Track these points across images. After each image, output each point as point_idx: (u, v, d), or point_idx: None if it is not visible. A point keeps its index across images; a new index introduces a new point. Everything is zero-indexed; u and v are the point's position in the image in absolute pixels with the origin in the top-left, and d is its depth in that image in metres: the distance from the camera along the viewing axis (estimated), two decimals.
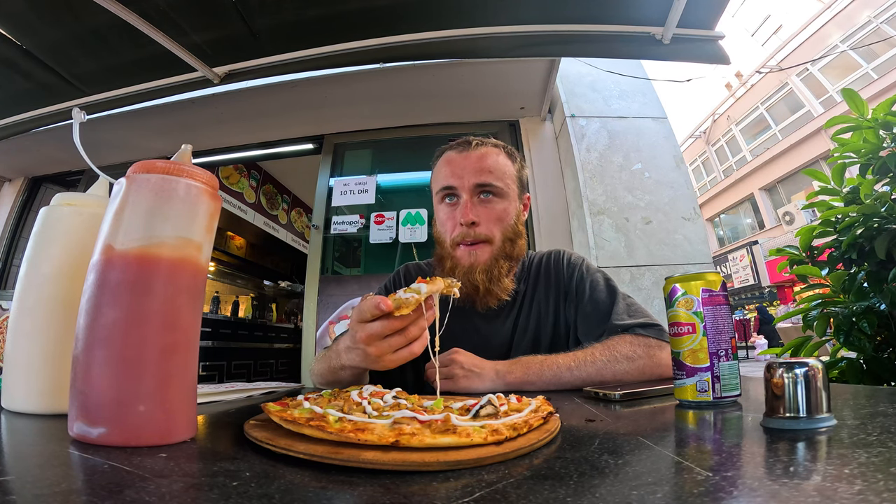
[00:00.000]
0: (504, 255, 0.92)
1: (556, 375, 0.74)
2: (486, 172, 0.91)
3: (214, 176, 0.45)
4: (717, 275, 0.55)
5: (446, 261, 0.92)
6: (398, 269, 1.08)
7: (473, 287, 0.87)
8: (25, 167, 3.31)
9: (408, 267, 1.08)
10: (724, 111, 14.60)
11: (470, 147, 0.95)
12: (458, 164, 0.93)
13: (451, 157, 0.96)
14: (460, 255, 0.90)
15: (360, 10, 1.73)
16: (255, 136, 3.07)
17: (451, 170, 0.93)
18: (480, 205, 0.91)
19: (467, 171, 0.92)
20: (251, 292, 5.26)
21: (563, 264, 0.98)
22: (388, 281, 1.06)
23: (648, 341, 0.80)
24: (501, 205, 0.93)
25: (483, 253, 0.90)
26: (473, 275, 0.87)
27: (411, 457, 0.31)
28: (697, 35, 1.74)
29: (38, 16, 1.64)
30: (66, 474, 0.31)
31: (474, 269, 0.88)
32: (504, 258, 0.92)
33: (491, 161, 0.93)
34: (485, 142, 0.97)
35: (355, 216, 2.75)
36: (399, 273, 1.06)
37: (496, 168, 0.93)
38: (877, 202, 1.33)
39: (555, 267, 0.99)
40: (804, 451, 0.32)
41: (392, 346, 0.57)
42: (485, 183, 0.91)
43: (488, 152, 0.94)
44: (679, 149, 2.49)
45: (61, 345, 0.49)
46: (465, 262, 0.89)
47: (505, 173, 0.94)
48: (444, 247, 0.94)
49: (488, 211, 0.91)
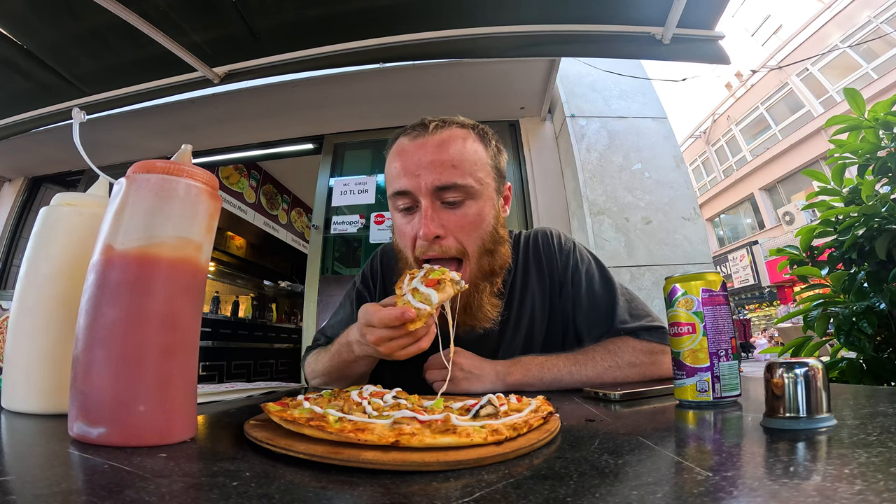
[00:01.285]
0: (483, 274, 0.75)
1: (556, 378, 0.73)
2: (448, 168, 0.70)
3: (214, 176, 0.45)
4: (717, 275, 0.55)
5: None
6: (376, 251, 0.98)
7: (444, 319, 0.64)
8: (25, 167, 3.31)
9: (384, 249, 0.96)
10: (724, 111, 14.60)
11: (427, 131, 0.73)
12: (411, 156, 0.72)
13: (404, 146, 0.75)
14: None
15: (360, 10, 1.73)
16: (255, 136, 3.07)
17: (402, 165, 0.73)
18: (446, 210, 0.72)
19: (424, 166, 0.71)
20: (251, 292, 5.26)
21: (555, 250, 0.87)
22: (367, 266, 0.97)
23: (653, 347, 0.77)
24: (474, 208, 0.73)
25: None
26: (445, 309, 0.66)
27: (411, 457, 0.31)
28: (697, 35, 1.74)
29: (38, 16, 1.64)
30: (66, 474, 0.30)
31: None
32: (483, 278, 0.75)
33: (455, 150, 0.72)
34: (446, 122, 0.76)
35: (355, 216, 2.75)
36: (376, 257, 0.97)
37: (462, 159, 0.72)
38: (877, 202, 1.33)
39: (545, 251, 0.87)
40: (804, 451, 0.32)
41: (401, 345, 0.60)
42: (448, 184, 0.70)
43: (451, 137, 0.73)
44: (679, 149, 2.49)
45: (61, 345, 0.49)
46: None
47: (475, 164, 0.73)
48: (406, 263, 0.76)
49: (457, 218, 0.72)
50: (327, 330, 0.97)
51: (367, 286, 0.95)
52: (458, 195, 0.72)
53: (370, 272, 0.96)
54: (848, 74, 10.39)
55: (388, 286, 0.89)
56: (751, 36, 14.68)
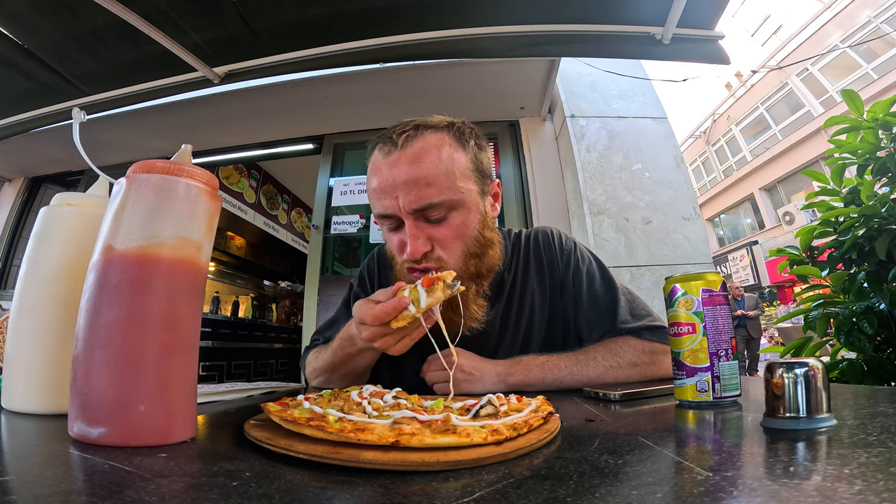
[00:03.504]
0: (468, 276, 0.76)
1: (557, 378, 0.73)
2: (423, 187, 0.69)
3: (214, 176, 0.45)
4: (717, 275, 0.55)
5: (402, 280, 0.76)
6: (372, 252, 0.98)
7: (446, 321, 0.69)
8: (25, 167, 3.31)
9: (381, 250, 0.96)
10: (724, 111, 14.59)
11: (397, 147, 0.71)
12: (386, 176, 0.71)
13: (378, 163, 0.73)
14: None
15: (359, 10, 1.73)
16: (255, 136, 3.07)
17: (379, 185, 0.72)
18: (430, 225, 0.72)
19: (399, 187, 0.69)
20: (251, 292, 5.26)
21: (556, 249, 0.88)
22: (364, 267, 0.98)
23: (654, 346, 0.77)
24: (458, 218, 0.73)
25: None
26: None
27: (411, 457, 0.31)
28: (697, 35, 1.74)
29: (38, 16, 1.64)
30: (66, 474, 0.30)
31: None
32: (469, 279, 0.76)
33: (429, 164, 0.70)
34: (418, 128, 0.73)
35: (355, 216, 2.75)
36: (374, 257, 0.97)
37: (438, 174, 0.70)
38: (877, 202, 1.33)
39: (546, 250, 0.88)
40: (804, 452, 0.32)
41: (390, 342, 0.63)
42: (427, 205, 0.69)
43: (424, 149, 0.70)
44: (679, 149, 2.49)
45: (61, 345, 0.49)
46: None
47: (452, 174, 0.71)
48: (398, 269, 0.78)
49: (442, 231, 0.72)
50: (325, 331, 0.97)
51: (364, 288, 0.96)
52: (439, 212, 0.71)
53: (367, 273, 0.97)
54: (848, 74, 10.39)
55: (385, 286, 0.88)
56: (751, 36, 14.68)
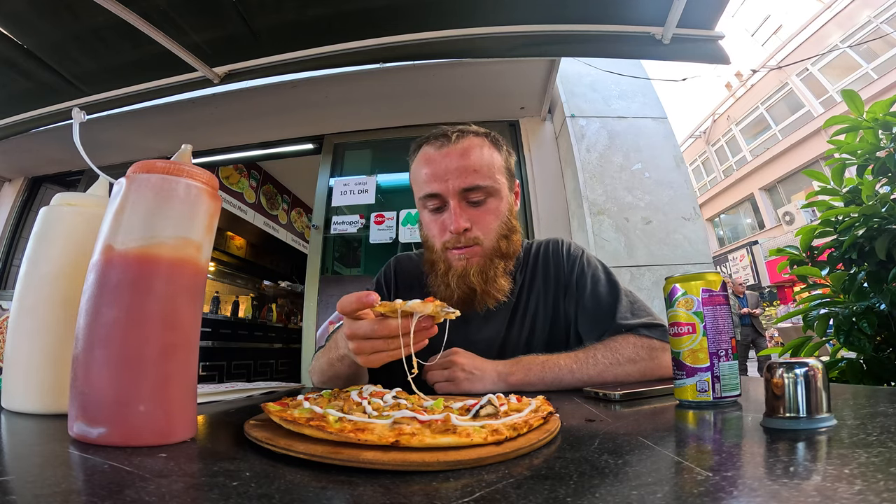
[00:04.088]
0: (499, 254, 0.87)
1: (557, 377, 0.74)
2: (471, 172, 0.82)
3: (214, 176, 0.45)
4: (717, 275, 0.55)
5: (438, 264, 0.87)
6: (389, 261, 1.03)
7: (470, 290, 0.83)
8: (25, 167, 3.31)
9: (399, 259, 1.03)
10: (724, 111, 14.59)
11: (450, 141, 0.84)
12: (438, 163, 0.84)
13: (430, 155, 0.86)
14: (452, 259, 0.85)
15: (359, 10, 1.73)
16: (255, 136, 3.07)
17: (431, 171, 0.84)
18: (471, 208, 0.84)
19: (451, 172, 0.82)
20: (251, 292, 5.26)
21: (563, 255, 0.94)
22: (381, 274, 1.02)
23: (652, 343, 0.78)
24: (493, 204, 0.86)
25: (475, 255, 0.84)
26: (468, 277, 0.83)
27: (411, 457, 0.31)
28: (697, 35, 1.74)
29: (38, 16, 1.64)
30: (66, 474, 0.30)
31: (468, 271, 0.83)
32: (499, 257, 0.87)
33: (475, 157, 0.84)
34: (465, 131, 0.87)
35: (355, 216, 2.75)
36: (390, 265, 1.02)
37: (482, 164, 0.84)
38: (877, 202, 1.33)
39: (554, 258, 0.94)
40: (804, 452, 0.32)
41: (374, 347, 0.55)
42: (472, 186, 0.83)
43: (471, 145, 0.85)
44: (679, 149, 2.49)
45: (61, 345, 0.49)
46: (459, 266, 0.84)
47: (493, 167, 0.85)
48: (433, 251, 0.88)
49: (480, 214, 0.85)
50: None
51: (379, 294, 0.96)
52: (480, 195, 0.84)
53: (384, 280, 1.00)
54: (848, 74, 10.39)
55: (402, 294, 0.93)
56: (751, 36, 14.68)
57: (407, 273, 0.99)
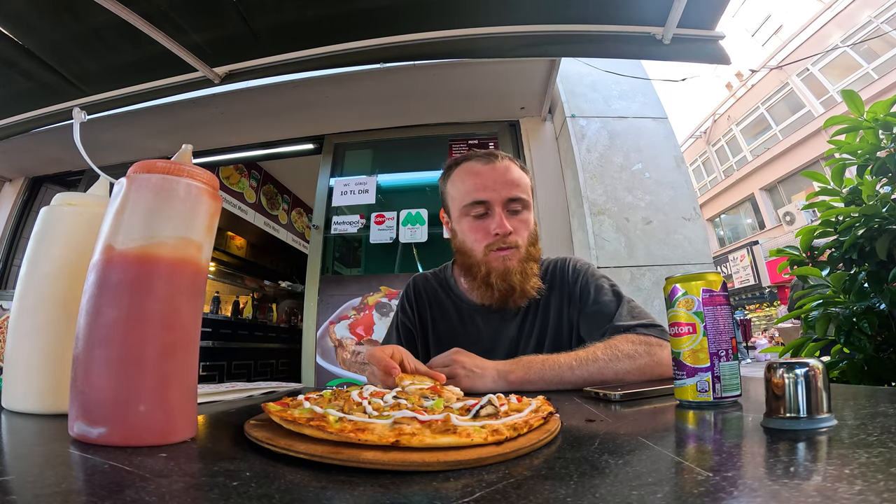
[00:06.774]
0: (531, 257, 0.98)
1: (557, 375, 0.75)
2: (514, 186, 0.95)
3: (215, 176, 0.45)
4: (718, 275, 0.55)
5: (476, 268, 0.95)
6: (408, 283, 1.12)
7: (510, 288, 0.93)
8: (25, 167, 3.31)
9: (415, 281, 1.11)
10: (725, 111, 14.59)
11: (496, 159, 0.98)
12: (487, 176, 0.96)
13: (477, 168, 0.97)
14: (493, 261, 0.94)
15: (360, 10, 1.73)
16: (256, 136, 3.07)
17: (480, 182, 0.95)
18: (511, 216, 0.96)
19: (499, 183, 0.95)
20: (252, 292, 5.26)
21: (569, 270, 1.02)
22: (402, 297, 1.11)
23: (649, 339, 0.81)
24: (527, 215, 0.98)
25: (514, 256, 0.94)
26: (510, 276, 0.92)
27: (411, 457, 0.31)
28: (698, 35, 1.74)
29: (38, 16, 1.64)
30: (66, 474, 0.30)
31: (510, 271, 0.93)
32: (532, 260, 0.98)
33: (516, 174, 0.97)
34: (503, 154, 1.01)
35: (355, 216, 2.75)
36: (410, 287, 1.10)
37: (521, 181, 0.98)
38: (877, 202, 1.33)
39: (560, 273, 1.02)
40: (804, 452, 0.32)
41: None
42: (516, 197, 0.95)
43: (510, 166, 0.99)
44: (679, 149, 2.49)
45: (61, 345, 0.49)
46: (500, 267, 0.93)
47: (526, 185, 0.99)
48: (472, 255, 0.97)
49: (518, 222, 0.96)
50: None
51: (406, 315, 1.08)
52: (519, 206, 0.97)
53: (407, 301, 1.10)
54: (848, 74, 10.38)
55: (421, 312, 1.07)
56: (751, 36, 14.68)
57: (426, 292, 1.09)
